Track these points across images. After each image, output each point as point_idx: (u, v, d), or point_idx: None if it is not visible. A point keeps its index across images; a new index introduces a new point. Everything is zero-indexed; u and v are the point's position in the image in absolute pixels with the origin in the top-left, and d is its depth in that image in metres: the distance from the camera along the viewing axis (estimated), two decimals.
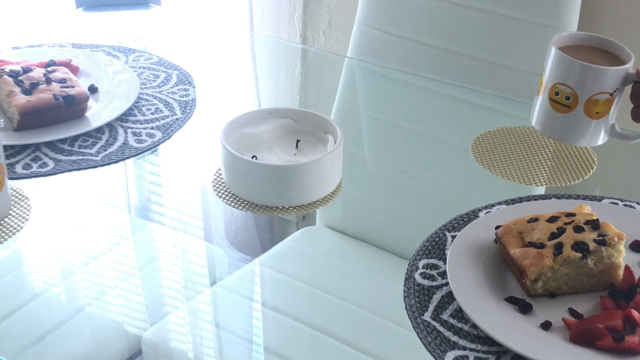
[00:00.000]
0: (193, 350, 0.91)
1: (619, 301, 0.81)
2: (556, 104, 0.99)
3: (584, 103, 0.97)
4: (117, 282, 0.96)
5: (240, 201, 0.97)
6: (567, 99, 0.97)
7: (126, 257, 1.02)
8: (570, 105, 0.97)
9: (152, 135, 1.11)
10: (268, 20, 1.95)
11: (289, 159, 0.99)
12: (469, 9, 1.36)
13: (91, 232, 1.04)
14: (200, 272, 1.06)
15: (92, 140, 1.09)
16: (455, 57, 1.38)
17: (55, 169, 1.03)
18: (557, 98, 0.98)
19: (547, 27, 1.30)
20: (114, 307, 0.93)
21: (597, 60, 0.99)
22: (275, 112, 1.06)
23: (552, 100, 0.99)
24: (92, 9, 1.54)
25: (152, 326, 0.92)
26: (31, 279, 0.98)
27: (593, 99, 0.96)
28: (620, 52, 1.00)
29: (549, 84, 0.98)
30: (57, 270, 0.98)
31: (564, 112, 0.98)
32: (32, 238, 0.99)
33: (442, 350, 0.78)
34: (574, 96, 0.97)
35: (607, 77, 0.95)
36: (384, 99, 1.34)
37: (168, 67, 1.30)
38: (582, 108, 0.97)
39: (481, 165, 1.05)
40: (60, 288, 0.96)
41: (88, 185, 1.07)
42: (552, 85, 0.98)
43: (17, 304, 0.91)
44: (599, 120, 0.98)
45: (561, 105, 0.98)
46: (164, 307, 0.96)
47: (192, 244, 1.10)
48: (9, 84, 1.09)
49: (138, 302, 0.96)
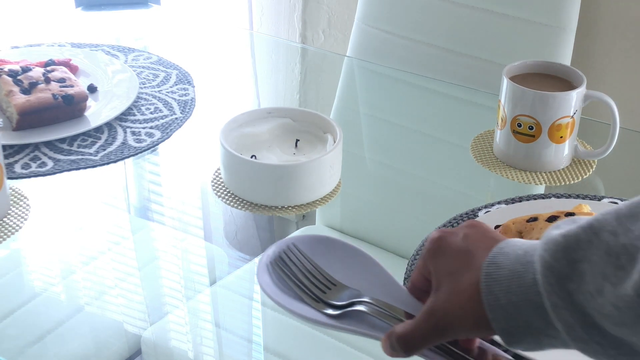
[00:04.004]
0: (193, 350, 0.92)
1: None
2: (520, 135, 1.01)
3: (547, 130, 0.99)
4: (117, 282, 0.96)
5: (240, 201, 0.97)
6: (530, 129, 1.00)
7: (126, 257, 1.02)
8: (534, 134, 1.00)
9: (152, 135, 1.11)
10: (267, 19, 1.95)
11: (288, 158, 0.99)
12: (469, 8, 1.36)
13: (91, 231, 1.04)
14: (200, 272, 1.06)
15: (91, 139, 1.09)
16: (455, 56, 1.38)
17: (54, 169, 1.03)
18: (520, 129, 1.01)
19: (546, 26, 1.30)
20: (114, 306, 0.93)
21: (550, 84, 1.02)
22: (275, 111, 1.06)
23: (515, 132, 1.01)
24: (91, 8, 1.54)
25: (152, 326, 0.92)
26: (30, 279, 0.98)
27: (556, 125, 0.99)
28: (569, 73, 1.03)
29: (510, 116, 1.01)
30: (57, 270, 0.98)
31: (528, 142, 1.01)
32: (32, 238, 0.98)
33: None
34: (537, 125, 0.99)
35: (568, 102, 0.98)
36: (383, 98, 1.34)
37: (167, 67, 1.30)
38: (546, 135, 1.00)
39: (481, 165, 1.05)
40: (60, 288, 0.96)
41: (87, 184, 1.07)
42: (514, 118, 1.00)
43: (17, 303, 0.91)
44: (563, 143, 1.01)
45: (525, 135, 1.01)
46: (163, 307, 0.96)
47: (191, 244, 1.10)
48: (8, 84, 1.09)
49: (138, 302, 0.96)
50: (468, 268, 0.56)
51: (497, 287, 0.53)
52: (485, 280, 0.53)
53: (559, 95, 0.98)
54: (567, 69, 1.04)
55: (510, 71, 1.03)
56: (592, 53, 1.45)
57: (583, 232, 0.49)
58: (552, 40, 1.30)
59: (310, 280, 0.65)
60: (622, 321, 0.47)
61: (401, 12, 1.42)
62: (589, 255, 0.48)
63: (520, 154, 1.02)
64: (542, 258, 0.50)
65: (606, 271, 0.47)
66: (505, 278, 0.53)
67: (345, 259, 0.67)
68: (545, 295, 0.50)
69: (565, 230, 0.50)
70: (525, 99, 0.99)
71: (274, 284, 0.65)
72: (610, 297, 0.47)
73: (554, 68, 1.04)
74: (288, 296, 0.64)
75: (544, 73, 1.04)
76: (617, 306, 0.47)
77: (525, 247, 0.54)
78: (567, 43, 1.31)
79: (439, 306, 0.56)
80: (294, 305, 0.64)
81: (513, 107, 1.00)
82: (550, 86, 1.01)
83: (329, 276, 0.66)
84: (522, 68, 1.04)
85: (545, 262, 0.50)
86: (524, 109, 0.99)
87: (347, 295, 0.64)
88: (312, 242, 0.68)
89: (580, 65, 1.34)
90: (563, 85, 1.01)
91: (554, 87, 1.01)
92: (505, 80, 1.00)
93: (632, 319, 0.46)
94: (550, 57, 1.29)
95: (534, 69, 1.05)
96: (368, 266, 0.67)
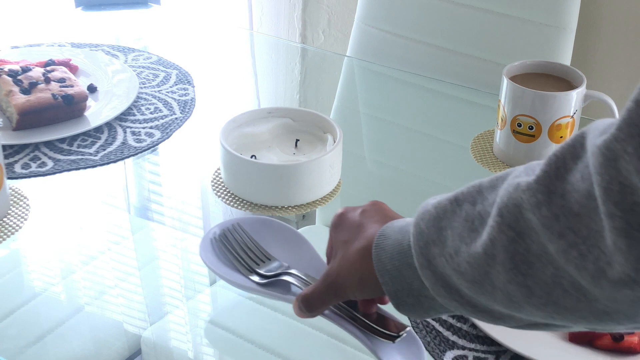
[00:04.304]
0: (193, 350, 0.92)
1: None
2: (520, 135, 1.01)
3: (547, 130, 0.99)
4: (117, 282, 0.96)
5: (240, 201, 0.97)
6: (530, 129, 1.00)
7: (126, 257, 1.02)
8: (534, 134, 1.00)
9: (151, 135, 1.11)
10: (267, 19, 1.95)
11: (288, 158, 0.99)
12: (469, 7, 1.36)
13: (90, 231, 1.04)
14: (200, 272, 1.06)
15: (91, 139, 1.09)
16: (455, 56, 1.38)
17: (54, 169, 1.03)
18: (520, 129, 1.01)
19: (546, 26, 1.30)
20: (114, 306, 0.93)
21: (549, 84, 1.02)
22: (275, 111, 1.06)
23: (515, 132, 1.01)
24: (91, 8, 1.54)
25: (152, 325, 0.92)
26: (30, 279, 0.98)
27: (556, 125, 0.99)
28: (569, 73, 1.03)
29: (510, 117, 1.01)
30: (57, 269, 0.98)
31: (528, 142, 1.01)
32: (31, 238, 0.98)
33: (442, 350, 0.78)
34: (537, 125, 0.99)
35: (568, 102, 0.98)
36: (383, 98, 1.34)
37: (167, 67, 1.30)
38: (546, 135, 1.00)
39: (481, 164, 1.05)
40: (60, 288, 0.96)
41: (87, 184, 1.07)
42: (514, 118, 1.00)
43: (16, 303, 0.91)
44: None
45: (525, 135, 1.01)
46: (163, 307, 0.96)
47: (191, 244, 1.10)
48: (7, 84, 1.09)
49: (138, 302, 0.96)
50: (358, 238, 0.64)
51: (383, 254, 0.61)
52: (375, 250, 0.61)
53: (559, 95, 0.98)
54: (567, 69, 1.04)
55: (510, 71, 1.03)
56: (592, 53, 1.45)
57: (450, 203, 0.57)
58: (552, 40, 1.30)
59: (247, 254, 0.75)
60: (474, 278, 0.54)
61: (401, 12, 1.42)
62: (452, 223, 0.56)
63: (520, 154, 1.02)
64: (417, 226, 0.58)
65: (463, 234, 0.55)
66: (390, 246, 0.61)
67: (281, 238, 0.78)
68: (415, 257, 0.58)
69: (437, 202, 0.58)
70: (525, 99, 0.99)
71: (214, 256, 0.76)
72: (465, 256, 0.54)
73: (554, 68, 1.04)
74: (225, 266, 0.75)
75: (544, 73, 1.04)
76: (470, 263, 0.54)
77: (408, 220, 0.62)
78: (567, 43, 1.31)
79: (332, 270, 0.65)
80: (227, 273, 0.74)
81: (513, 107, 1.00)
82: (550, 86, 1.01)
83: (265, 251, 0.76)
84: (522, 68, 1.04)
85: (418, 229, 0.58)
86: (524, 109, 0.99)
87: (277, 268, 0.74)
88: (254, 222, 0.80)
89: (580, 65, 1.34)
90: (563, 85, 1.01)
91: (554, 87, 1.01)
92: (505, 80, 1.00)
93: (481, 275, 0.53)
94: (550, 57, 1.29)
95: (534, 69, 1.05)
96: (299, 244, 0.77)
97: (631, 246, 0.44)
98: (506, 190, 0.52)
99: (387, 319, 0.68)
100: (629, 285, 0.46)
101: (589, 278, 0.47)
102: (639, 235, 0.44)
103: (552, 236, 0.48)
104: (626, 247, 0.44)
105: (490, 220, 0.53)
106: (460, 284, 0.55)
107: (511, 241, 0.51)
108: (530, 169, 0.52)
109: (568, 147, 0.50)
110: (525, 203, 0.50)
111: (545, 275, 0.50)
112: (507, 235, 0.51)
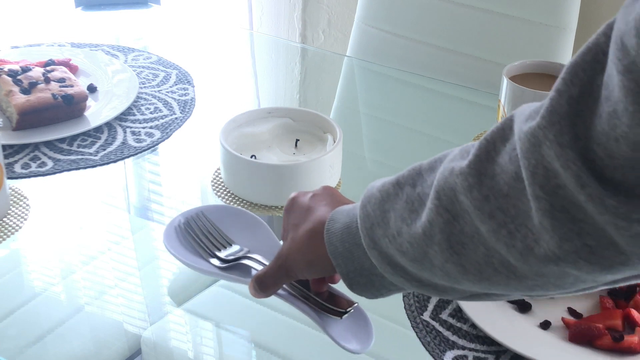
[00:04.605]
0: (193, 350, 0.91)
1: (618, 301, 0.81)
2: None
3: None
4: (117, 282, 0.96)
5: (240, 200, 0.97)
6: None
7: (126, 257, 1.02)
8: None
9: (151, 135, 1.11)
10: (267, 19, 1.95)
11: (288, 158, 0.99)
12: (469, 7, 1.36)
13: (90, 231, 1.04)
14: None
15: (91, 139, 1.09)
16: (455, 55, 1.38)
17: (54, 169, 1.03)
18: None
19: (546, 26, 1.30)
20: (114, 306, 0.93)
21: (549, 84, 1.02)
22: (275, 111, 1.06)
23: None
24: (91, 8, 1.54)
25: (152, 325, 0.91)
26: (30, 279, 0.98)
27: None
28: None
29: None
30: (57, 269, 0.98)
31: None
32: (31, 237, 0.98)
33: (441, 349, 0.78)
34: None
35: None
36: (383, 98, 1.34)
37: (167, 67, 1.30)
38: None
39: None
40: (60, 288, 0.96)
41: (87, 184, 1.07)
42: None
43: (16, 303, 0.91)
44: None
45: None
46: (163, 307, 0.96)
47: None
48: (7, 84, 1.09)
49: (138, 302, 0.96)
50: (306, 220, 0.67)
51: (334, 238, 0.63)
52: (327, 235, 0.64)
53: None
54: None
55: (510, 71, 1.03)
56: None
57: (392, 187, 0.60)
58: (552, 40, 1.30)
59: (209, 239, 0.79)
60: (415, 257, 0.57)
61: (401, 12, 1.42)
62: (394, 205, 0.59)
63: None
64: (364, 209, 0.61)
65: (404, 215, 0.58)
66: (339, 230, 0.63)
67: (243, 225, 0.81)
68: (362, 238, 0.61)
69: (381, 184, 0.61)
70: (525, 99, 0.99)
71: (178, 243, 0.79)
72: (406, 237, 0.57)
73: (554, 68, 1.04)
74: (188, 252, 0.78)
75: (544, 73, 1.04)
76: (411, 243, 0.57)
77: (355, 204, 0.64)
78: (567, 43, 1.31)
79: (283, 252, 0.68)
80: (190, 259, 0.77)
81: (513, 107, 1.00)
82: (550, 86, 1.01)
83: (226, 237, 0.79)
84: (522, 68, 1.04)
85: (365, 212, 0.61)
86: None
87: (238, 252, 0.77)
88: (216, 210, 0.83)
89: None
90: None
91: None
92: (505, 80, 1.00)
93: (421, 254, 0.56)
94: (550, 57, 1.29)
95: (534, 69, 1.05)
96: (260, 230, 0.81)
97: (555, 226, 0.47)
98: (442, 174, 0.55)
99: (337, 296, 0.71)
100: (555, 262, 0.49)
101: (518, 255, 0.50)
102: (561, 216, 0.47)
103: (484, 217, 0.51)
104: (551, 227, 0.47)
105: (428, 203, 0.56)
106: (404, 263, 0.58)
107: (447, 223, 0.54)
108: (465, 151, 0.55)
109: (498, 131, 0.53)
110: (459, 187, 0.53)
111: (477, 255, 0.53)
112: (443, 217, 0.54)
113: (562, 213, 0.47)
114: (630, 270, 0.48)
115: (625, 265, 0.47)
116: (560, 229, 0.47)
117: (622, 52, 0.42)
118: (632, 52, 0.41)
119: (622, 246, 0.46)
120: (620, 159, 0.44)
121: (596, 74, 0.46)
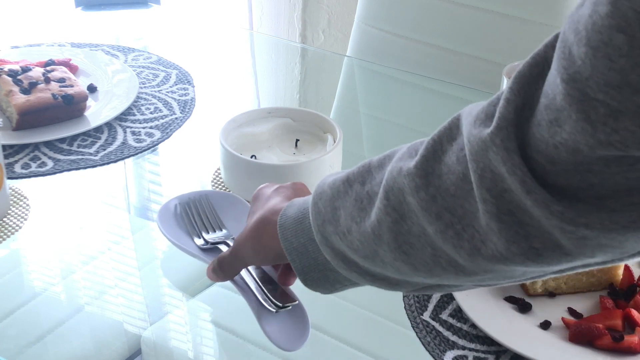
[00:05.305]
0: (193, 350, 0.91)
1: (618, 301, 0.81)
2: None
3: None
4: (117, 282, 0.96)
5: None
6: None
7: (126, 257, 1.02)
8: None
9: (151, 135, 1.11)
10: (267, 19, 1.95)
11: (288, 158, 0.99)
12: (469, 7, 1.36)
13: (90, 231, 1.04)
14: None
15: (91, 139, 1.09)
16: (455, 55, 1.38)
17: (54, 169, 1.03)
18: None
19: (547, 26, 1.30)
20: (114, 306, 0.93)
21: None
22: (275, 111, 1.06)
23: None
24: (91, 8, 1.54)
25: (152, 325, 0.91)
26: (30, 279, 0.98)
27: None
28: None
29: None
30: (57, 269, 0.98)
31: None
32: (31, 237, 0.98)
33: (442, 350, 0.78)
34: None
35: None
36: (383, 98, 1.34)
37: (167, 67, 1.30)
38: None
39: None
40: (60, 287, 0.96)
41: (87, 184, 1.07)
42: None
43: (16, 303, 0.91)
44: None
45: None
46: (163, 307, 0.96)
47: None
48: (7, 84, 1.09)
49: (138, 302, 0.96)
50: (260, 210, 0.68)
51: (288, 233, 0.64)
52: (280, 230, 0.64)
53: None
54: None
55: (510, 71, 1.03)
56: None
57: (342, 184, 0.60)
58: None
59: (202, 220, 0.82)
60: (366, 255, 0.58)
61: (401, 12, 1.42)
62: (344, 203, 0.59)
63: None
64: (315, 205, 0.62)
65: (354, 213, 0.58)
66: (292, 225, 0.64)
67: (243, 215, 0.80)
68: (315, 234, 0.61)
69: (332, 181, 0.62)
70: None
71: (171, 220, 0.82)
72: (356, 235, 0.58)
73: None
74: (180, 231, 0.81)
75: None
76: (361, 241, 0.57)
77: (307, 198, 0.65)
78: None
79: (239, 238, 0.70)
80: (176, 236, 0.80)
81: None
82: None
83: (221, 222, 0.82)
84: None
85: (316, 209, 0.61)
86: None
87: (223, 237, 0.80)
88: (220, 196, 0.86)
89: None
90: None
91: None
92: (505, 80, 1.00)
93: (372, 252, 0.57)
94: None
95: None
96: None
97: (502, 229, 0.48)
98: (391, 173, 0.56)
99: (285, 293, 0.72)
100: (502, 261, 0.50)
101: (466, 256, 0.51)
102: (508, 219, 0.48)
103: (431, 218, 0.52)
104: (498, 229, 0.48)
105: (377, 202, 0.56)
106: (356, 259, 0.59)
107: (395, 223, 0.55)
108: (414, 150, 0.56)
109: (445, 130, 0.54)
110: (407, 187, 0.54)
111: (425, 255, 0.54)
112: (391, 217, 0.55)
113: (508, 216, 0.48)
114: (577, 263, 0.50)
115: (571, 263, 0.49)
116: (507, 232, 0.48)
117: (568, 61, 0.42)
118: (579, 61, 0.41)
119: (569, 248, 0.47)
120: (561, 164, 0.45)
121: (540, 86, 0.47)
